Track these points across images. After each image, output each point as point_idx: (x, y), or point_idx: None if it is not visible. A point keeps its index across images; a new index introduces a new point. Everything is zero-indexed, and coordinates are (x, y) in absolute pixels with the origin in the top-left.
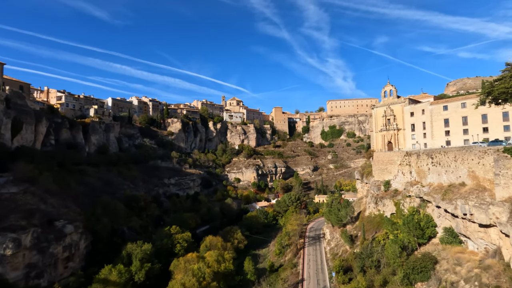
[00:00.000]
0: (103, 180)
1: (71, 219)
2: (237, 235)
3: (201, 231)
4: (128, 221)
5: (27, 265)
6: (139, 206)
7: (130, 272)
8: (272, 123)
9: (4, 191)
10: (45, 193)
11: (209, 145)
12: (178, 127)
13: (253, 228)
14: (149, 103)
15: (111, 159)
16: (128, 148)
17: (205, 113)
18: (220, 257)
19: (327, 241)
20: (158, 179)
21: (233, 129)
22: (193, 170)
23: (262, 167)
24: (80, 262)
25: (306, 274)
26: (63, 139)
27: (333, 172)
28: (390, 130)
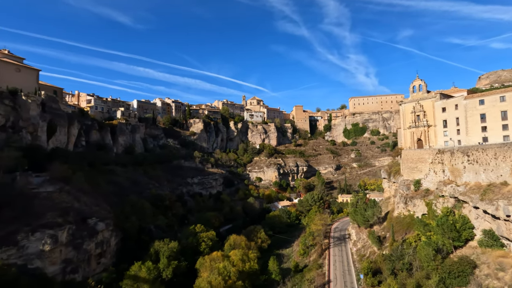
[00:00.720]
0: (131, 180)
1: (102, 217)
2: (260, 234)
3: (224, 230)
4: (155, 219)
5: (63, 260)
6: (164, 205)
7: (158, 269)
8: (293, 122)
9: (42, 190)
10: (78, 192)
11: (230, 145)
12: (200, 127)
13: (276, 227)
14: (172, 104)
15: (138, 159)
16: (153, 148)
17: (226, 113)
18: (244, 256)
19: (353, 242)
20: (181, 178)
21: (254, 129)
22: (215, 169)
23: (283, 166)
24: (111, 258)
25: (333, 276)
26: (93, 140)
27: (356, 171)
28: (419, 126)
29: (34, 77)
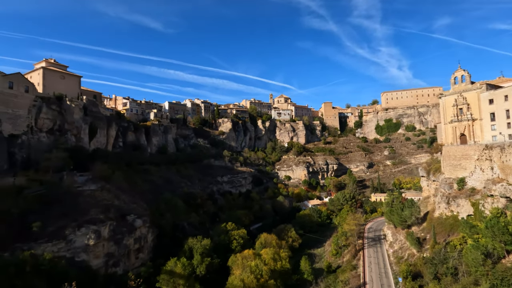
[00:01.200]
0: (164, 179)
1: (139, 214)
2: (291, 233)
3: (254, 228)
4: (188, 217)
5: (106, 254)
6: (196, 203)
7: (192, 266)
8: (321, 119)
9: (86, 188)
10: (117, 190)
11: (258, 143)
12: (228, 127)
13: (307, 226)
14: (201, 104)
15: (170, 159)
16: (184, 148)
17: (253, 112)
18: (276, 255)
19: (389, 243)
20: (212, 177)
21: (282, 127)
22: (244, 168)
23: (312, 165)
24: (148, 253)
25: (368, 278)
26: (129, 141)
27: (390, 169)
28: (463, 120)
29: (76, 83)
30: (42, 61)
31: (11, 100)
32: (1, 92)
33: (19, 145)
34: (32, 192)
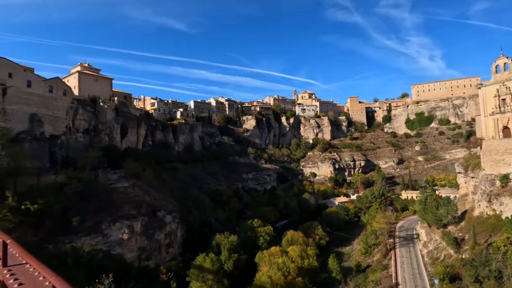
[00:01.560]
0: (191, 176)
1: (169, 210)
2: (318, 231)
3: (280, 225)
4: (214, 213)
5: (139, 248)
6: (222, 199)
7: (220, 261)
8: (347, 114)
9: (119, 185)
10: (148, 187)
11: (282, 140)
12: (252, 124)
13: (334, 224)
14: (225, 102)
15: (196, 157)
16: (210, 146)
17: (277, 108)
18: (303, 253)
19: (423, 243)
20: (237, 174)
21: (306, 123)
22: (268, 165)
23: (339, 161)
24: (178, 248)
25: (401, 278)
26: (158, 140)
27: (422, 165)
28: (506, 112)
29: (108, 85)
30: (78, 66)
31: (51, 103)
32: (43, 95)
33: (59, 144)
34: (71, 189)
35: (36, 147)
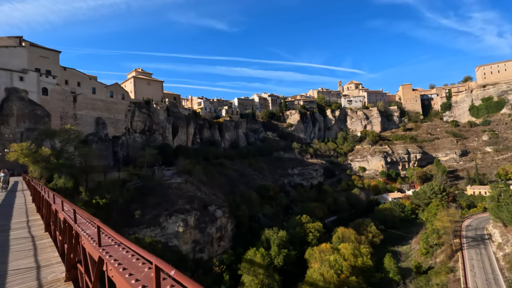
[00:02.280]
0: (238, 172)
1: (219, 205)
2: (370, 228)
3: (329, 221)
4: (262, 208)
5: (193, 241)
6: (269, 195)
7: (270, 256)
8: (399, 104)
9: (173, 181)
10: (199, 183)
11: (328, 134)
12: (296, 119)
13: (388, 222)
14: (268, 98)
15: (242, 153)
16: (254, 142)
17: (321, 101)
18: (356, 251)
19: (497, 245)
20: (282, 169)
21: (353, 115)
22: (314, 160)
23: (390, 154)
24: (229, 242)
25: (472, 284)
26: (205, 137)
27: (492, 156)
28: None
29: (160, 88)
30: (133, 71)
31: (112, 107)
32: (105, 100)
33: (120, 144)
34: (132, 185)
35: (102, 147)
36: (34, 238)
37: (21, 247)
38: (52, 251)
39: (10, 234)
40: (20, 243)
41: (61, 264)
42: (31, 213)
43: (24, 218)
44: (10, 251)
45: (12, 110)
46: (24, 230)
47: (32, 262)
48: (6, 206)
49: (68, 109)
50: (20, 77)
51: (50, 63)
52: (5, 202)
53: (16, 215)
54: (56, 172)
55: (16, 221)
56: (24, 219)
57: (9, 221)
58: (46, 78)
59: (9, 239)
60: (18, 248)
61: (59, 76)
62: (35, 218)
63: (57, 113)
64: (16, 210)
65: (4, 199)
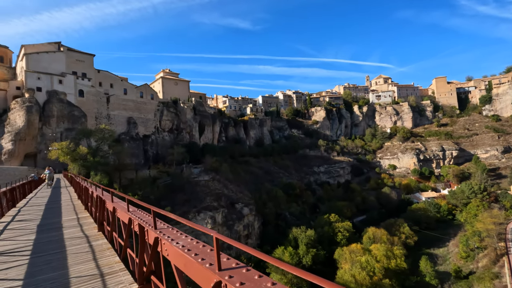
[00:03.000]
0: (263, 170)
1: (246, 202)
2: (403, 229)
3: (358, 221)
4: (288, 206)
5: None
6: (295, 193)
7: (298, 255)
8: (432, 98)
9: (201, 179)
10: (225, 181)
11: (355, 131)
12: (322, 115)
13: (422, 222)
14: (293, 95)
15: (267, 151)
16: (279, 139)
17: (348, 97)
18: (389, 252)
19: None
20: (308, 167)
21: (382, 111)
22: (341, 157)
23: (423, 151)
24: (256, 240)
25: None
26: (230, 135)
27: None
28: None
29: (186, 88)
30: (161, 72)
31: (142, 107)
32: (136, 101)
33: (150, 143)
34: (162, 182)
35: (133, 145)
36: (89, 239)
37: (78, 249)
38: (111, 254)
39: (64, 233)
40: (75, 243)
41: (126, 273)
42: (79, 210)
43: (74, 216)
44: (68, 253)
45: (52, 111)
46: (76, 228)
47: (94, 268)
48: (54, 202)
49: (102, 110)
50: (59, 80)
51: (86, 66)
52: (52, 199)
53: (65, 212)
54: (93, 169)
55: (67, 219)
56: (74, 217)
57: (60, 218)
58: (82, 80)
59: (63, 239)
60: (75, 250)
61: (93, 78)
62: (84, 215)
63: (92, 113)
64: (64, 207)
65: (51, 196)
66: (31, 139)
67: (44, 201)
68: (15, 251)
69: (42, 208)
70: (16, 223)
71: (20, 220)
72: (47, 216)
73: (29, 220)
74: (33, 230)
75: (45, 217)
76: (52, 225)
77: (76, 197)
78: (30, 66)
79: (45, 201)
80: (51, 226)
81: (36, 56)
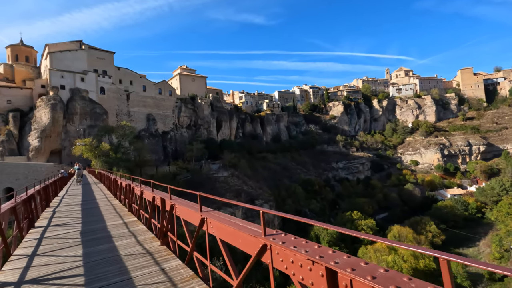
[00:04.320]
0: (281, 166)
1: (266, 199)
2: (430, 227)
3: (379, 218)
4: (307, 203)
5: None
6: (314, 189)
7: None
8: (457, 90)
9: (220, 175)
10: (244, 177)
11: (375, 125)
12: (340, 110)
13: (448, 220)
14: (310, 90)
15: (284, 146)
16: (296, 135)
17: (367, 91)
18: (417, 252)
19: None
20: (326, 163)
21: (403, 104)
22: (360, 153)
23: (448, 146)
24: None
25: None
26: (247, 131)
27: None
28: None
29: (203, 84)
30: (178, 68)
31: (161, 103)
32: (154, 97)
33: (168, 139)
34: (182, 178)
35: (153, 142)
36: (154, 256)
37: (146, 274)
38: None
39: (118, 247)
40: (139, 265)
41: None
42: (122, 212)
43: (119, 220)
44: (134, 279)
45: (76, 108)
46: (129, 238)
47: None
48: (89, 202)
49: (122, 107)
50: (81, 78)
51: (106, 63)
52: (86, 197)
53: (107, 214)
54: (115, 166)
55: (112, 224)
56: (120, 221)
57: (104, 223)
58: (103, 78)
59: (120, 255)
60: (142, 277)
61: (114, 75)
62: (131, 219)
63: (113, 110)
64: (103, 208)
65: (83, 194)
66: (56, 136)
67: (78, 200)
68: (61, 277)
69: (78, 209)
70: (54, 229)
71: (58, 224)
72: (88, 220)
73: (68, 225)
74: (77, 240)
75: (86, 220)
76: (97, 232)
77: (111, 195)
78: (54, 64)
79: (79, 200)
80: (97, 233)
81: (59, 55)
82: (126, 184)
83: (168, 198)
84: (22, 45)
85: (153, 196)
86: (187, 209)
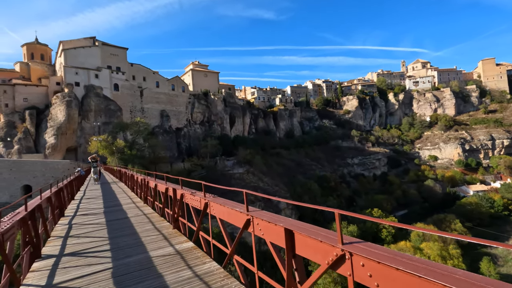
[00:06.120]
0: (295, 162)
1: (282, 196)
2: (455, 225)
3: (398, 215)
4: (324, 200)
5: None
6: (329, 186)
7: None
8: (478, 82)
9: (235, 171)
10: (260, 173)
11: (390, 120)
12: (354, 104)
13: (473, 218)
14: (323, 84)
15: (298, 142)
16: (309, 130)
17: (382, 84)
18: (444, 252)
19: None
20: (341, 159)
21: (421, 98)
22: (376, 148)
23: (469, 141)
24: None
25: None
26: (260, 127)
27: None
28: None
29: (216, 79)
30: (190, 64)
31: (174, 100)
32: (168, 94)
33: (182, 136)
34: (197, 175)
35: (167, 138)
36: None
37: None
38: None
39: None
40: None
41: None
42: (155, 219)
43: (155, 232)
44: None
45: (90, 105)
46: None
47: None
48: (114, 209)
49: (136, 103)
50: (95, 74)
51: (120, 60)
52: (108, 202)
53: (142, 231)
54: (130, 162)
55: (147, 237)
56: (157, 233)
57: (146, 253)
58: (117, 74)
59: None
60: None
61: (127, 72)
62: (168, 230)
63: (127, 107)
64: (133, 219)
65: (104, 197)
66: (71, 133)
67: (100, 207)
68: None
69: (102, 219)
70: (68, 262)
71: (73, 254)
72: (118, 245)
73: (91, 252)
74: None
75: (116, 246)
76: (139, 264)
77: (137, 198)
78: (68, 61)
79: (102, 207)
80: (141, 274)
81: (73, 52)
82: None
83: (203, 196)
84: (37, 43)
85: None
86: (227, 208)
